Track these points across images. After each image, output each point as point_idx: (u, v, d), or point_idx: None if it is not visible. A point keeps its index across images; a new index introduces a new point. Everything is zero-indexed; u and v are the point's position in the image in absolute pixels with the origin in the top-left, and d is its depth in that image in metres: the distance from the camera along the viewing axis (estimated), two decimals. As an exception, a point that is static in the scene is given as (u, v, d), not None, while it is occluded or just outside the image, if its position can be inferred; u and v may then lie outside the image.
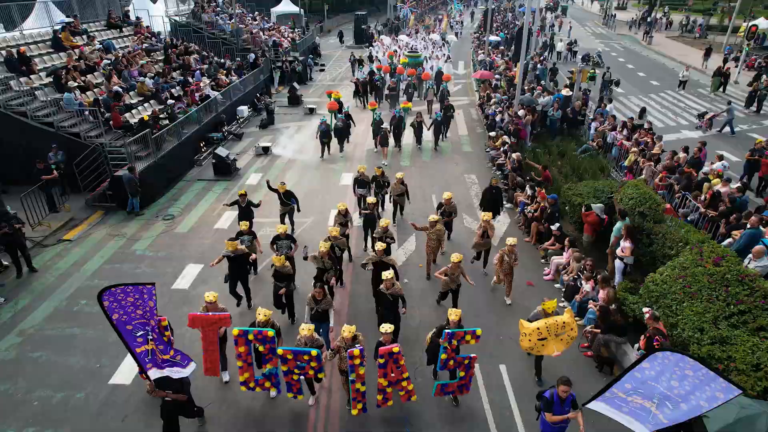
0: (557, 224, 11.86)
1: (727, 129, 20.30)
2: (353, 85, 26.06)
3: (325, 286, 8.67)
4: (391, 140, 18.73)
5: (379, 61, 31.13)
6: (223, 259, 9.49)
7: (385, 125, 18.03)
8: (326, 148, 18.49)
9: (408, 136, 19.83)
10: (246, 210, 12.30)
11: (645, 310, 7.93)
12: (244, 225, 10.70)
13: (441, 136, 19.56)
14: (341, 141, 18.70)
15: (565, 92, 20.84)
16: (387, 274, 8.33)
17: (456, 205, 11.95)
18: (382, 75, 26.76)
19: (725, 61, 30.13)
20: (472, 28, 51.96)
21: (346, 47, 43.56)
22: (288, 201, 12.41)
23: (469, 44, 42.25)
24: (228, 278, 9.88)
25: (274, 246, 10.21)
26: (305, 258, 9.78)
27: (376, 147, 18.48)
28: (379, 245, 9.42)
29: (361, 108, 24.85)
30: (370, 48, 36.15)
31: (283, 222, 12.43)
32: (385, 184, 13.23)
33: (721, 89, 26.12)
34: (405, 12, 52.66)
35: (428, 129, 18.90)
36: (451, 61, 31.82)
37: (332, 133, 18.38)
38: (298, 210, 12.68)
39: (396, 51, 32.53)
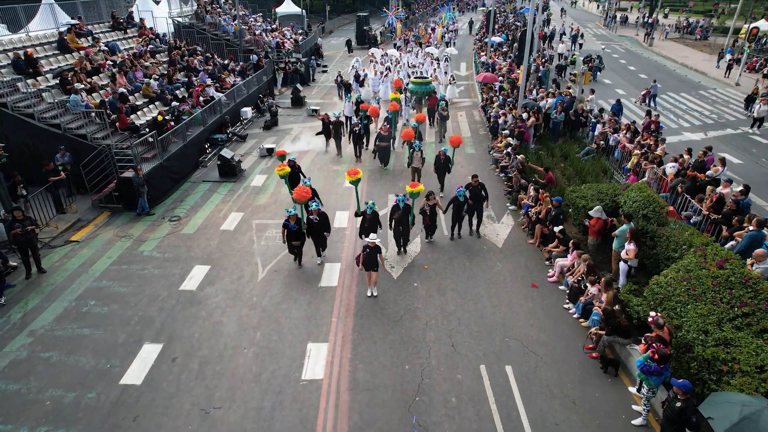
0: (560, 227, 11.96)
1: (653, 103, 24.24)
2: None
3: None
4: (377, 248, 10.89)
5: (362, 99, 23.13)
6: None
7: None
8: (298, 254, 11.99)
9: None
10: None
11: (651, 314, 8.00)
12: None
13: (474, 224, 13.35)
14: (319, 242, 12.01)
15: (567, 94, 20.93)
16: None
17: None
18: (367, 118, 18.97)
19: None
20: (472, 32, 51.30)
21: (354, 48, 43.46)
22: None
23: (470, 45, 42.35)
24: None
25: None
26: None
27: (359, 265, 10.95)
28: None
29: (330, 157, 19.23)
30: (354, 66, 28.75)
31: None
32: None
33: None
34: (391, 20, 46.79)
35: (444, 212, 13.05)
36: (455, 82, 26.83)
37: (305, 231, 11.69)
38: None
39: (388, 71, 26.41)
